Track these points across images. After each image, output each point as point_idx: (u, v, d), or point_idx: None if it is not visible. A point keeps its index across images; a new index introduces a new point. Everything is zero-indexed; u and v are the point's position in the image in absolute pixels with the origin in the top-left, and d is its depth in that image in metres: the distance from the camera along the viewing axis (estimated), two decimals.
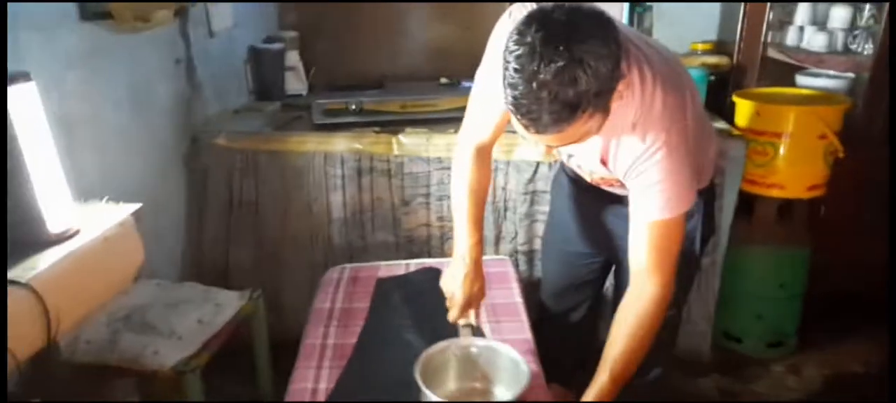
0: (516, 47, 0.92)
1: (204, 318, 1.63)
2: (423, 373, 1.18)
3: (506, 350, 1.28)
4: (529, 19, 0.93)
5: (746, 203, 2.16)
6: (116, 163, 1.83)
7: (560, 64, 0.89)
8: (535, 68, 0.90)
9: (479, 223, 1.37)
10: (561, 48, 0.89)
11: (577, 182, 1.52)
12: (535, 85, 0.90)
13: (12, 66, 1.41)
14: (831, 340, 2.33)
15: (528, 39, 0.91)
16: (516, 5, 1.19)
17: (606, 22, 0.95)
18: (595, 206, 1.52)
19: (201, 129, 2.21)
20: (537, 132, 0.97)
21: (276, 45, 2.67)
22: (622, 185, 1.23)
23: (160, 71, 2.08)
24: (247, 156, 2.16)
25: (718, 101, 2.30)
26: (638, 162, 1.13)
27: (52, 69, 1.59)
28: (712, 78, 2.42)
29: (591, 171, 1.33)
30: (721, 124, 2.14)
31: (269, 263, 2.21)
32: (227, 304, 1.71)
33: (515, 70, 0.92)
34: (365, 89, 2.42)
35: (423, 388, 1.15)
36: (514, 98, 0.93)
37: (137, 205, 1.14)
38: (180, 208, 2.20)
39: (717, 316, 2.19)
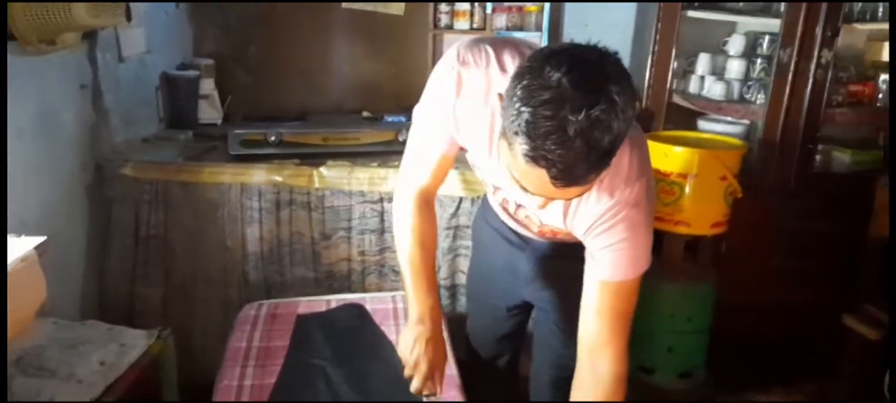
0: (539, 91, 0.81)
1: (107, 360, 1.51)
2: None
3: None
4: (549, 57, 0.83)
5: (656, 240, 2.26)
6: (15, 192, 1.69)
7: (600, 109, 0.79)
8: (569, 114, 0.79)
9: (433, 281, 1.26)
10: (598, 91, 0.80)
11: (501, 231, 1.48)
12: (570, 132, 0.79)
13: None
14: (736, 372, 2.47)
15: (554, 81, 0.80)
16: (463, 48, 1.12)
17: (620, 60, 0.87)
18: (521, 256, 1.46)
19: (107, 158, 2.08)
20: (566, 184, 0.85)
21: (191, 73, 2.57)
22: (569, 235, 1.18)
23: (65, 96, 1.95)
24: (156, 186, 2.06)
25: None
26: (603, 218, 1.06)
27: None
28: None
29: (541, 223, 1.28)
30: None
31: (178, 301, 2.09)
32: (133, 344, 1.59)
33: (544, 117, 0.80)
34: (285, 121, 2.38)
35: None
36: (540, 149, 0.81)
37: (41, 239, 1.05)
38: (83, 242, 2.05)
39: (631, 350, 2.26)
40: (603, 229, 1.07)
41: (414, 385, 1.19)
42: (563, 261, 1.32)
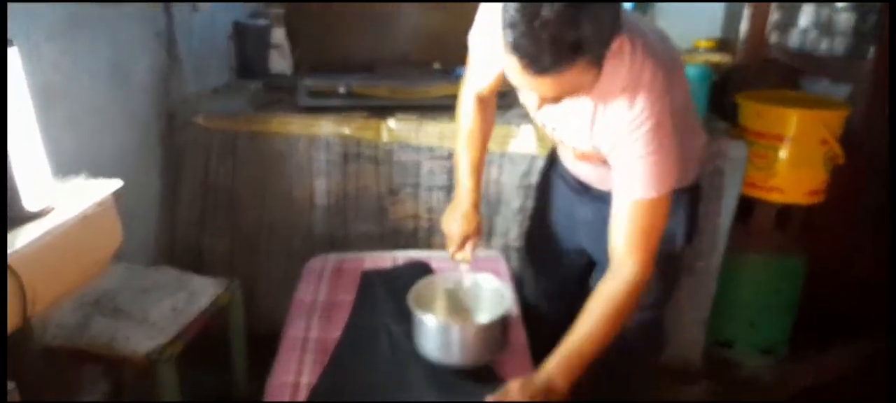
0: None
1: (178, 306, 1.53)
2: (414, 301, 1.27)
3: (489, 282, 1.40)
4: None
5: (744, 207, 2.10)
6: (91, 138, 1.72)
7: (563, 4, 0.88)
8: (537, 8, 0.89)
9: (476, 167, 1.42)
10: None
11: (563, 176, 1.53)
12: (537, 24, 0.89)
13: None
14: (820, 350, 2.29)
15: None
16: None
17: None
18: (582, 204, 1.50)
19: (179, 107, 2.09)
20: (535, 73, 0.94)
21: (262, 22, 2.55)
22: (606, 164, 1.20)
23: (140, 45, 1.96)
24: (225, 137, 2.05)
25: (720, 101, 2.24)
26: (626, 131, 1.10)
27: (31, 40, 1.48)
28: (715, 77, 2.35)
29: (573, 147, 1.30)
30: (721, 124, 2.09)
31: (244, 251, 2.10)
32: (203, 292, 1.61)
33: (516, 10, 0.91)
34: (353, 72, 2.32)
35: (416, 311, 1.25)
36: (514, 38, 0.92)
37: (118, 183, 1.04)
38: (155, 188, 2.08)
39: (709, 321, 2.13)
40: (626, 143, 1.11)
41: (448, 250, 1.43)
42: None
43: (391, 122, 2.03)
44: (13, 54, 0.88)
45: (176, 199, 2.10)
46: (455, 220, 1.41)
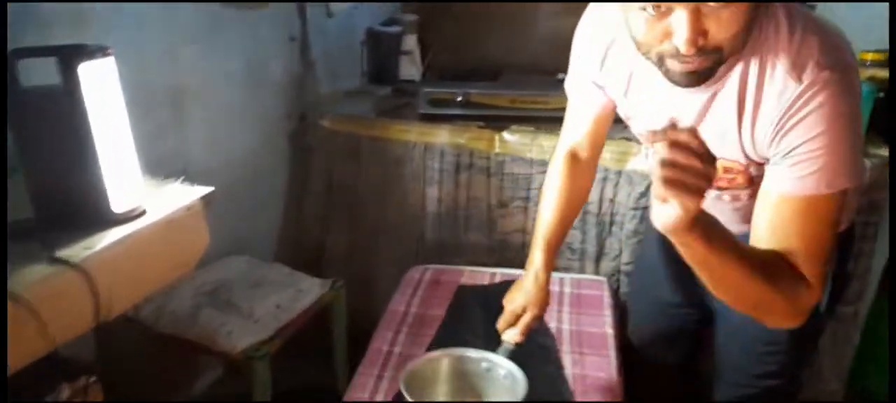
0: None
1: (282, 303, 1.62)
2: (408, 385, 1.08)
3: (503, 362, 1.16)
4: None
5: None
6: (224, 136, 1.88)
7: None
8: None
9: (553, 242, 1.25)
10: None
11: None
12: None
13: (136, 38, 1.47)
14: None
15: None
16: (595, 4, 1.12)
17: None
18: None
19: (310, 109, 2.22)
20: None
21: (395, 28, 2.63)
22: (748, 182, 0.97)
23: (274, 48, 2.10)
24: (350, 139, 2.15)
25: (885, 123, 1.94)
26: (792, 109, 0.83)
27: (170, 42, 1.64)
28: (881, 95, 2.05)
29: (720, 161, 0.99)
30: (882, 151, 1.81)
31: (363, 251, 2.18)
32: (309, 291, 1.70)
33: None
34: (478, 79, 2.32)
35: (406, 395, 1.06)
36: None
37: (208, 189, 1.12)
38: (283, 185, 2.23)
39: (853, 371, 1.87)
40: (792, 124, 0.84)
41: (498, 324, 1.24)
42: None
43: (505, 134, 2.00)
44: (108, 63, 0.96)
45: (302, 197, 2.23)
46: (515, 302, 1.23)
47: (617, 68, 1.07)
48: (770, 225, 0.88)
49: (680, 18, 0.78)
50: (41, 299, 0.84)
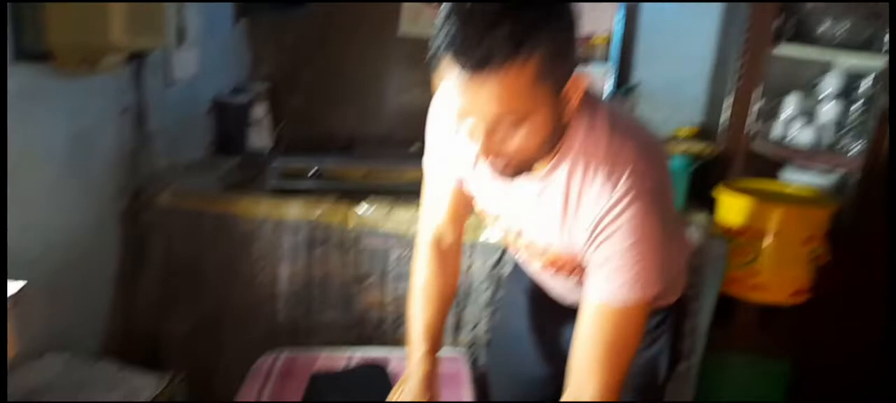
0: None
1: None
2: None
3: None
4: None
5: (725, 306, 2.01)
6: (43, 219, 1.66)
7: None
8: None
9: (431, 331, 1.19)
10: None
11: (533, 293, 1.32)
12: (470, 11, 0.78)
13: None
14: None
15: None
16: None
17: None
18: (553, 320, 1.29)
19: (146, 185, 2.04)
20: (470, 69, 0.79)
21: (243, 98, 2.53)
22: (580, 272, 1.02)
23: (105, 120, 1.92)
24: (192, 216, 2.00)
25: (700, 193, 2.18)
26: (606, 219, 0.90)
27: None
28: (695, 166, 2.30)
29: (543, 251, 1.08)
30: (701, 218, 2.01)
31: (206, 339, 2.01)
32: (142, 389, 1.52)
33: (450, 6, 0.80)
34: (332, 151, 2.29)
35: None
36: (446, 30, 0.79)
37: (19, 284, 0.97)
38: (113, 270, 2.01)
39: None
40: (605, 235, 0.91)
41: None
42: None
43: (361, 207, 1.97)
44: None
45: (134, 282, 2.02)
46: (399, 397, 1.19)
47: (466, 145, 1.07)
48: (584, 333, 0.96)
49: (477, 129, 0.85)
50: None
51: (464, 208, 1.21)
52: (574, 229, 0.96)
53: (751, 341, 2.04)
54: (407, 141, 2.58)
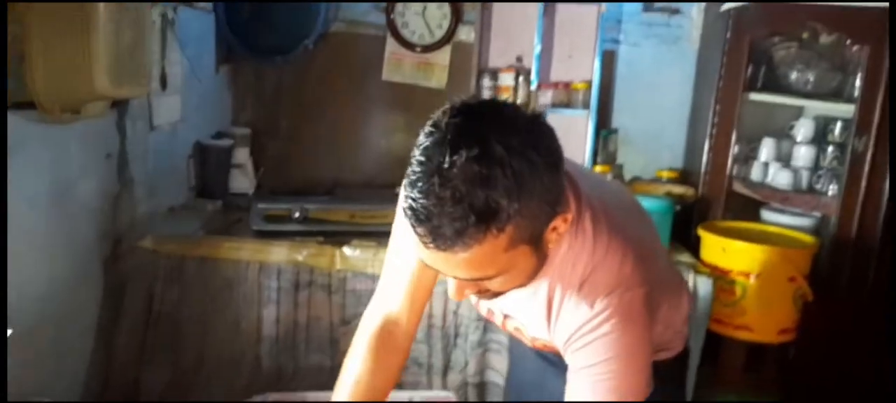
0: (424, 139, 0.72)
1: None
2: None
3: None
4: (448, 108, 0.74)
5: (713, 345, 2.01)
6: (23, 268, 1.60)
7: (472, 155, 0.68)
8: (441, 161, 0.69)
9: None
10: (476, 139, 0.69)
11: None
12: (437, 181, 0.69)
13: None
14: None
15: (441, 128, 0.71)
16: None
17: (546, 127, 0.76)
18: (555, 373, 1.15)
19: (126, 231, 2.00)
20: (437, 248, 0.72)
21: (225, 142, 2.52)
22: (546, 348, 1.00)
23: (87, 166, 1.89)
24: (172, 261, 1.96)
25: (683, 233, 2.21)
26: (582, 330, 0.87)
27: None
28: (678, 208, 2.34)
29: (532, 337, 1.05)
30: (686, 258, 2.04)
31: (185, 386, 1.95)
32: None
33: (418, 163, 0.71)
34: (314, 195, 2.28)
35: None
36: (412, 201, 0.71)
37: None
38: (93, 319, 1.95)
39: None
40: (581, 345, 0.87)
41: None
42: None
43: (346, 249, 1.96)
44: None
45: (114, 331, 1.96)
46: None
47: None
48: None
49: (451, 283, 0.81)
50: None
51: (424, 292, 1.07)
52: (556, 331, 0.93)
53: (739, 381, 2.04)
54: (390, 184, 2.60)
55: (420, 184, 0.70)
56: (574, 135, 2.55)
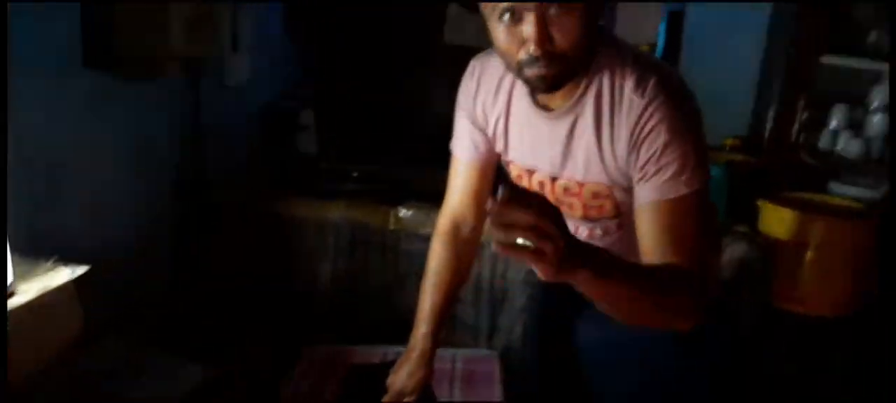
0: None
1: (162, 392, 1.52)
2: None
3: None
4: None
5: (768, 318, 1.98)
6: (105, 213, 1.77)
7: None
8: None
9: (438, 313, 1.27)
10: None
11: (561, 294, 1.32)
12: None
13: (13, 109, 1.38)
14: None
15: None
16: (478, 60, 1.20)
17: None
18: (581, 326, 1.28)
19: (198, 186, 2.15)
20: None
21: (291, 103, 2.63)
22: (615, 209, 1.06)
23: (164, 121, 2.04)
24: (241, 215, 2.09)
25: (742, 204, 2.15)
26: (640, 123, 0.96)
27: (51, 116, 1.55)
28: (739, 176, 2.28)
29: (580, 186, 1.07)
30: (741, 228, 2.00)
31: (251, 333, 2.09)
32: (188, 378, 1.60)
33: None
34: (375, 156, 2.36)
35: None
36: None
37: (83, 269, 1.06)
38: (169, 267, 2.12)
39: None
40: (643, 137, 0.96)
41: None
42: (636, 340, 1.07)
43: (401, 210, 2.03)
44: None
45: (185, 276, 2.13)
46: (397, 374, 1.27)
47: (490, 108, 1.16)
48: (650, 234, 0.96)
49: (529, 22, 0.90)
50: None
51: (485, 185, 1.24)
52: (613, 151, 1.01)
53: (794, 354, 2.00)
54: (447, 147, 2.64)
55: None
56: None
